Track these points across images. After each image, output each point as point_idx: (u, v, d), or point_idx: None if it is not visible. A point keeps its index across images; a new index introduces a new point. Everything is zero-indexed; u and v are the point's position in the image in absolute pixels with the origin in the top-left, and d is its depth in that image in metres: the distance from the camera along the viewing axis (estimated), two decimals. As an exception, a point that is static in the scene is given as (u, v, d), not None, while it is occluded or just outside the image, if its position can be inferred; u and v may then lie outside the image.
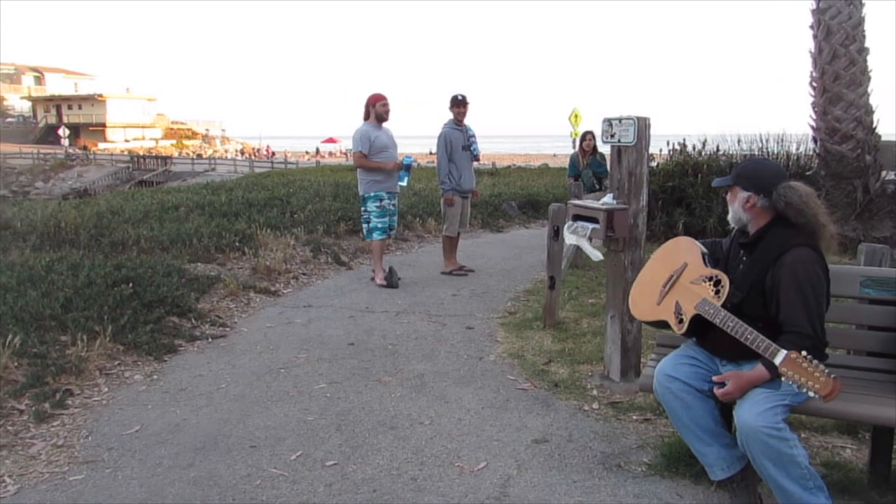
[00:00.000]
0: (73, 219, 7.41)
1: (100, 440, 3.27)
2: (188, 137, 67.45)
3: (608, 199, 3.89)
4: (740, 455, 2.57)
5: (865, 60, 8.16)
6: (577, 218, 4.03)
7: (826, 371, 2.17)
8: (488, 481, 2.88)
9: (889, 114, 8.53)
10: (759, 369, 2.39)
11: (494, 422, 3.47)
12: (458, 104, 6.91)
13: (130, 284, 5.08)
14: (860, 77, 8.11)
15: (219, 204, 9.02)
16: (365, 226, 6.61)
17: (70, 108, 63.78)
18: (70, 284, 4.91)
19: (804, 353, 2.22)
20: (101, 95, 62.73)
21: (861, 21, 8.10)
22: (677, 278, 2.71)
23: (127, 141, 60.26)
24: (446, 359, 4.47)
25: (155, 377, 4.13)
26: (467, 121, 7.01)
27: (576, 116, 24.19)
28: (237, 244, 6.97)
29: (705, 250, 2.76)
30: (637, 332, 3.99)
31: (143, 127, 64.82)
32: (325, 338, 4.90)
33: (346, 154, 55.01)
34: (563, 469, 2.98)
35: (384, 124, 6.54)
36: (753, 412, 2.33)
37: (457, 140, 6.89)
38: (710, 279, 2.56)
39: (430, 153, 49.06)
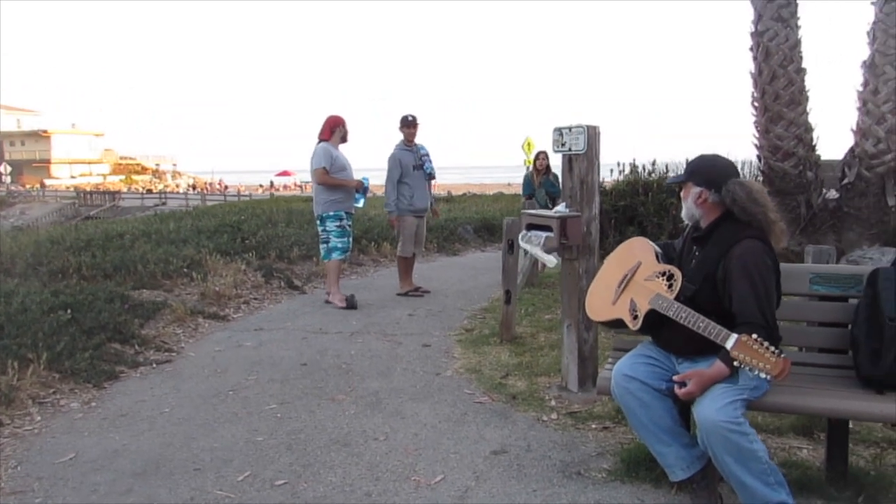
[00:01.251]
0: (8, 248, 7.08)
1: (30, 470, 3.05)
2: (137, 173, 66.09)
3: (561, 208, 3.90)
4: (700, 454, 2.54)
5: (803, 80, 8.45)
6: (531, 227, 4.01)
7: (776, 351, 2.16)
8: (446, 494, 2.76)
9: (828, 134, 8.81)
10: (717, 366, 2.36)
11: (452, 435, 3.37)
12: (409, 125, 6.90)
13: (68, 311, 4.83)
14: (799, 96, 8.38)
15: (166, 231, 8.72)
16: (323, 246, 6.48)
17: (12, 144, 61.97)
18: (1, 311, 4.64)
19: (755, 335, 2.20)
20: (45, 131, 61.11)
21: (798, 43, 8.41)
22: (631, 277, 2.68)
23: (73, 177, 58.69)
24: (402, 376, 4.35)
25: (93, 404, 3.90)
26: (419, 140, 7.01)
27: (528, 145, 24.50)
28: (185, 270, 6.72)
29: (659, 249, 2.75)
30: (594, 342, 3.96)
31: (89, 163, 63.29)
32: (276, 359, 4.73)
33: (300, 186, 54.53)
34: (522, 479, 2.89)
35: (340, 147, 6.50)
36: (713, 407, 2.30)
37: (407, 160, 6.86)
38: (664, 274, 2.55)
39: (386, 183, 48.82)
